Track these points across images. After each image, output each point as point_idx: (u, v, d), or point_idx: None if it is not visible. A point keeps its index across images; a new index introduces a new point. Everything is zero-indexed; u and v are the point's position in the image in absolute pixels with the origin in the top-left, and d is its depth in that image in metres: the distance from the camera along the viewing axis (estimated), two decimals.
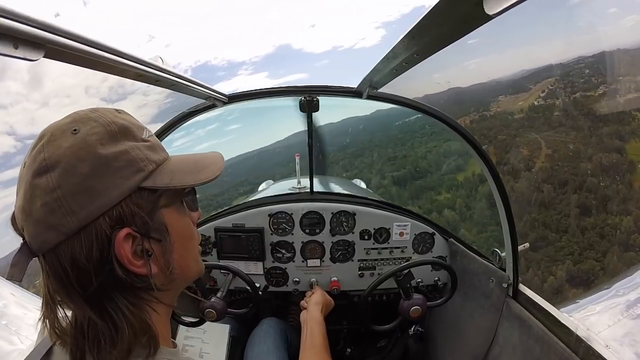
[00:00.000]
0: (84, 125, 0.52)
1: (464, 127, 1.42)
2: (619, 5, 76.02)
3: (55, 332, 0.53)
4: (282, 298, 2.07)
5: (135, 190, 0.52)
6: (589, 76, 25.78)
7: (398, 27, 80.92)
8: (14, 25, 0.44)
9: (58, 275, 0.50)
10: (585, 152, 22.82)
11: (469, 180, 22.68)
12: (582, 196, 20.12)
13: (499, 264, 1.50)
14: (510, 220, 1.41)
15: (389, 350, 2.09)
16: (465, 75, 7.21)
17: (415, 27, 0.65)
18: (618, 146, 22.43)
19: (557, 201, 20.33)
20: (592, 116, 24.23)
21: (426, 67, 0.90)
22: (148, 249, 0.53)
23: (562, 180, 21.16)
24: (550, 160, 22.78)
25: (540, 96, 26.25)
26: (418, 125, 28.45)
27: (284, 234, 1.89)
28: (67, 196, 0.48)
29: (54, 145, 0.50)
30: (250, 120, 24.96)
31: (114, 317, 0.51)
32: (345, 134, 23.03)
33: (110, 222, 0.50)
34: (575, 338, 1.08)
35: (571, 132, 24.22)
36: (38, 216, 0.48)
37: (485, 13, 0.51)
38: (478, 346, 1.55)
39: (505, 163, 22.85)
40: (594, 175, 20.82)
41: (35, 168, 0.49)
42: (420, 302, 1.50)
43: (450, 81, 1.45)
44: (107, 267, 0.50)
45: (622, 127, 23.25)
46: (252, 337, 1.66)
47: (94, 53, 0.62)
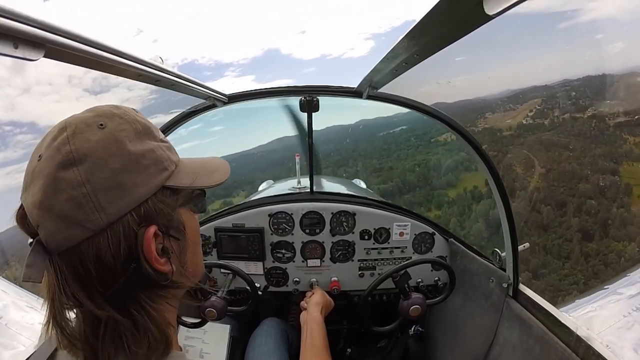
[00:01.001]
0: (110, 120, 0.51)
1: (464, 127, 1.42)
2: (606, 32, 77.49)
3: (66, 338, 0.50)
4: (282, 298, 2.07)
5: (160, 189, 0.53)
6: (576, 98, 26.01)
7: (387, 40, 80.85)
8: (14, 25, 0.44)
9: (78, 275, 0.48)
10: (581, 172, 22.65)
11: (461, 197, 22.00)
12: (582, 219, 19.71)
13: (499, 263, 1.50)
14: (510, 220, 1.40)
15: (389, 351, 2.09)
16: (451, 92, 7.36)
17: (415, 27, 0.65)
18: (613, 168, 22.32)
19: (556, 224, 19.86)
20: (584, 137, 24.22)
21: (426, 67, 0.90)
22: (169, 247, 0.54)
23: (559, 201, 20.72)
24: (546, 180, 22.46)
25: (529, 115, 26.34)
26: (403, 138, 27.73)
27: (284, 234, 1.89)
28: (96, 191, 0.47)
29: (81, 138, 0.48)
30: (233, 123, 24.47)
31: (135, 316, 0.50)
32: (329, 141, 23.10)
33: (138, 219, 0.50)
34: (575, 338, 1.08)
35: (564, 152, 24.10)
36: (62, 211, 0.46)
37: (485, 13, 0.51)
38: (478, 346, 1.55)
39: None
40: (593, 198, 20.48)
41: (59, 160, 0.47)
42: (419, 301, 1.50)
43: (451, 81, 1.44)
44: (132, 264, 0.49)
45: (615, 149, 23.22)
46: (253, 337, 1.66)
47: (94, 53, 0.62)
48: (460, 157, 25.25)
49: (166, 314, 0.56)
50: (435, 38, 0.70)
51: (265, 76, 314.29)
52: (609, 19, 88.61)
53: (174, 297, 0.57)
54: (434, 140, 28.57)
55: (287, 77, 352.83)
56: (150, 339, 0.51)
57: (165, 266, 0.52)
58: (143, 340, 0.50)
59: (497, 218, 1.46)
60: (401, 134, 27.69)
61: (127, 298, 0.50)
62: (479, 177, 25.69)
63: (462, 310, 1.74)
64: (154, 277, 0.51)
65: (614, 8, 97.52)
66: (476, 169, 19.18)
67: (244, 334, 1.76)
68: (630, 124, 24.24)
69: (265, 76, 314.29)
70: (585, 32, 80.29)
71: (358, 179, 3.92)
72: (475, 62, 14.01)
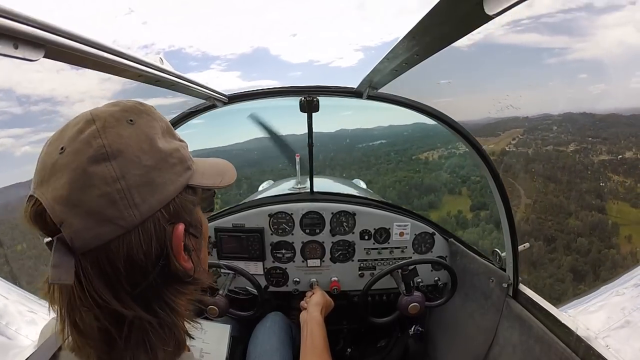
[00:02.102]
0: (139, 117, 0.51)
1: (464, 128, 1.42)
2: (589, 72, 78.84)
3: (82, 337, 0.49)
4: (282, 298, 2.07)
5: (184, 187, 0.53)
6: (558, 132, 26.24)
7: (377, 53, 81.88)
8: (14, 26, 0.44)
9: (105, 274, 0.46)
10: (568, 207, 22.22)
11: (445, 221, 21.24)
12: (573, 257, 19.08)
13: (499, 264, 1.50)
14: (510, 220, 1.41)
15: (389, 350, 2.09)
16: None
17: (416, 27, 0.65)
18: (599, 206, 22.00)
19: (545, 260, 19.21)
20: (569, 171, 24.10)
21: (426, 67, 0.90)
22: (190, 245, 0.54)
23: (548, 236, 20.15)
24: (533, 212, 21.95)
25: (512, 143, 26.31)
26: (383, 152, 27.15)
27: (284, 234, 1.89)
28: (130, 187, 0.46)
29: (113, 133, 0.47)
30: (214, 120, 24.31)
31: (161, 314, 0.50)
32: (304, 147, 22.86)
33: (168, 216, 0.50)
34: (575, 338, 1.08)
35: (549, 184, 23.77)
36: (92, 208, 0.44)
37: (485, 13, 0.51)
38: (478, 346, 1.55)
39: (481, 208, 21.56)
40: (583, 235, 19.97)
41: (91, 154, 0.45)
42: (419, 299, 1.50)
43: (451, 81, 1.43)
44: (161, 262, 0.49)
45: (599, 185, 23.05)
46: (255, 333, 1.60)
47: (93, 53, 0.62)
48: (443, 178, 24.70)
49: (185, 309, 0.56)
50: (435, 38, 0.70)
51: (250, 74, 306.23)
52: (594, 61, 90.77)
53: (192, 293, 0.57)
54: (415, 158, 28.13)
55: (272, 77, 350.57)
56: (177, 336, 0.51)
57: (188, 263, 0.53)
58: (169, 338, 0.51)
59: (490, 247, 1.46)
60: (380, 148, 27.24)
61: (153, 296, 0.50)
62: (462, 201, 24.73)
63: (462, 310, 1.74)
64: (180, 274, 0.51)
65: (599, 50, 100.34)
66: (460, 192, 19.07)
67: (244, 333, 1.75)
68: (613, 163, 24.25)
69: (250, 74, 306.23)
70: (570, 71, 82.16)
71: (358, 179, 3.92)
72: (458, 86, 14.06)
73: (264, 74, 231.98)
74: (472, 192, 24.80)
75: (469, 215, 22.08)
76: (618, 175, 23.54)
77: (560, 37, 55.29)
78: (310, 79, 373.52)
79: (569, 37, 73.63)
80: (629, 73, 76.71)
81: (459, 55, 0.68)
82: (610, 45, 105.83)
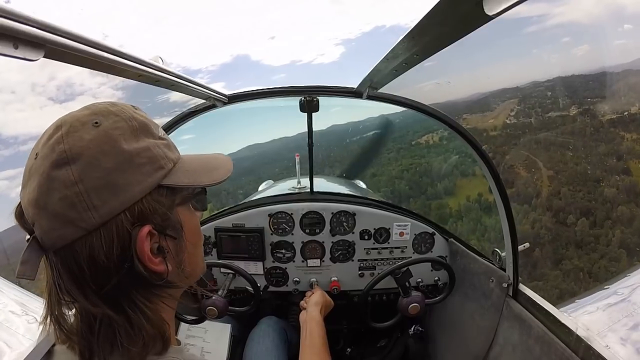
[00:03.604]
0: (106, 118, 0.51)
1: (464, 128, 1.42)
2: (571, 35, 78.81)
3: (63, 332, 0.52)
4: (282, 298, 2.07)
5: (155, 188, 0.52)
6: (554, 97, 24.73)
7: (358, 45, 76.82)
8: (14, 25, 0.44)
9: (72, 273, 0.48)
10: (595, 173, 19.91)
11: (469, 207, 19.25)
12: (619, 230, 16.50)
13: (499, 263, 1.50)
14: (510, 220, 1.41)
15: (389, 350, 2.09)
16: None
17: (415, 27, 0.65)
18: (624, 168, 20.01)
19: (591, 239, 16.62)
20: (580, 135, 22.56)
21: (426, 67, 0.90)
22: (164, 247, 0.53)
23: (585, 209, 17.70)
24: (559, 184, 19.70)
25: (511, 115, 24.84)
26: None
27: (284, 234, 1.89)
28: (89, 190, 0.47)
29: (75, 137, 0.48)
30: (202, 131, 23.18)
31: (130, 313, 0.50)
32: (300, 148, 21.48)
33: (132, 218, 0.49)
34: (575, 338, 1.08)
35: (565, 152, 21.84)
36: (55, 210, 0.46)
37: (485, 13, 0.51)
38: (478, 346, 1.55)
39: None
40: (621, 203, 17.57)
41: (54, 159, 0.47)
42: (418, 299, 1.50)
43: (451, 81, 1.43)
44: (126, 264, 0.49)
45: (617, 146, 21.43)
46: (251, 336, 1.66)
47: (94, 53, 0.62)
48: (453, 161, 23.45)
49: (162, 312, 0.56)
50: (435, 38, 0.70)
51: (234, 83, 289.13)
52: (575, 23, 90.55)
53: (171, 296, 0.57)
54: (415, 143, 27.05)
55: (256, 84, 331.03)
56: (144, 337, 0.51)
57: (160, 266, 0.52)
58: (137, 337, 0.50)
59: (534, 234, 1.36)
60: (374, 138, 26.57)
61: (122, 296, 0.50)
62: (479, 183, 21.36)
63: (462, 310, 1.74)
64: (147, 277, 0.51)
65: (578, 12, 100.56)
66: (474, 173, 17.80)
67: (245, 333, 1.76)
68: (623, 121, 22.94)
69: (234, 83, 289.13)
70: (552, 36, 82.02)
71: (358, 179, 3.93)
72: (442, 67, 13.43)
73: (248, 82, 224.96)
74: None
75: (491, 197, 21.42)
76: (630, 133, 21.95)
77: (537, 5, 55.75)
78: (295, 81, 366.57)
79: (547, 4, 73.90)
80: (610, 30, 77.00)
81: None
82: (588, 6, 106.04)
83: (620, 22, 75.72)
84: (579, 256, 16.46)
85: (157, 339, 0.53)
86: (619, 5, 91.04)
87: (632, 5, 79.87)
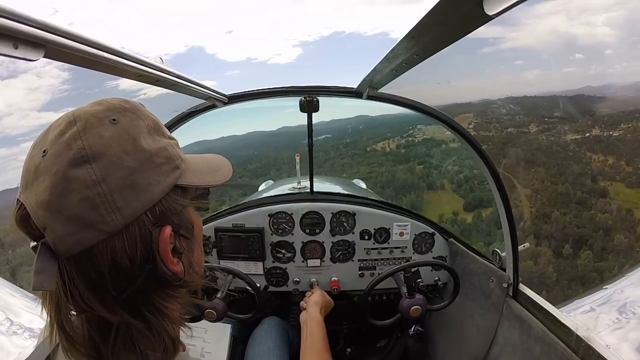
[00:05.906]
0: (122, 116, 0.49)
1: (464, 128, 1.42)
2: (524, 59, 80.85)
3: (70, 343, 0.48)
4: (282, 298, 2.07)
5: (172, 188, 0.51)
6: (512, 114, 24.34)
7: (315, 48, 75.87)
8: (14, 26, 0.44)
9: (90, 279, 0.45)
10: (575, 195, 18.95)
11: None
12: (620, 262, 15.73)
13: (499, 263, 1.50)
14: (510, 220, 1.41)
15: (389, 350, 2.09)
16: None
17: (415, 27, 0.65)
18: (601, 189, 19.61)
19: (594, 275, 15.63)
20: (546, 152, 22.07)
21: (426, 67, 0.90)
22: (179, 247, 0.52)
23: (575, 238, 16.76)
24: (540, 205, 18.80)
25: (469, 127, 24.60)
26: (330, 146, 24.36)
27: (284, 234, 1.89)
28: (112, 191, 0.44)
29: (94, 134, 0.45)
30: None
31: (149, 318, 0.48)
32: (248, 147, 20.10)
33: (153, 219, 0.48)
34: (575, 338, 1.08)
35: (538, 169, 20.87)
36: (73, 213, 0.43)
37: (485, 13, 0.51)
38: (478, 346, 1.55)
39: (478, 206, 17.94)
40: (615, 230, 16.76)
41: (71, 157, 0.44)
42: (420, 302, 1.50)
43: (451, 81, 1.43)
44: (148, 266, 0.47)
45: (586, 167, 21.02)
46: (253, 336, 1.66)
47: (94, 53, 0.62)
48: (417, 171, 21.22)
49: (177, 313, 0.55)
50: (435, 38, 0.70)
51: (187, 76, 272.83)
52: (528, 49, 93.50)
53: (184, 296, 0.57)
54: (370, 150, 24.91)
55: (209, 78, 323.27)
56: (166, 340, 0.50)
57: (178, 266, 0.51)
58: (158, 342, 0.49)
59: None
60: (327, 142, 24.16)
61: (141, 300, 0.48)
62: (449, 198, 20.68)
63: (462, 310, 1.74)
64: (168, 278, 0.49)
65: (532, 38, 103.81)
66: (442, 186, 17.35)
67: (245, 333, 1.76)
68: (588, 141, 22.58)
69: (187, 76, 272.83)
70: (505, 59, 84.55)
71: (358, 179, 3.92)
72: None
73: (201, 75, 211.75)
74: (457, 185, 21.44)
75: (467, 217, 18.85)
76: (596, 154, 21.75)
77: (493, 29, 57.00)
78: (249, 78, 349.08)
79: (502, 28, 75.84)
80: (562, 58, 79.52)
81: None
82: (542, 33, 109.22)
83: (572, 51, 77.93)
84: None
85: (176, 341, 0.52)
86: (572, 36, 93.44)
87: (584, 36, 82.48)
